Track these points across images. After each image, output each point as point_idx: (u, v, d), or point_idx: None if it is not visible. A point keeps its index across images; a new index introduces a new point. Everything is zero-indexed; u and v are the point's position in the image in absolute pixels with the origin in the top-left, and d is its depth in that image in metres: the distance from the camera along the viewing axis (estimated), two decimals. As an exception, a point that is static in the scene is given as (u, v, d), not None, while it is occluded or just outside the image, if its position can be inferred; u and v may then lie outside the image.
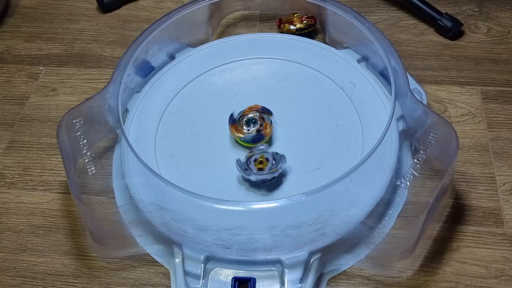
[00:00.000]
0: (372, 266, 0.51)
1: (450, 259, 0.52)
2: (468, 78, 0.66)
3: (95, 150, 0.59)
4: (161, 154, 0.56)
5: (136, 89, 0.62)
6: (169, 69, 0.63)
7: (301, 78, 0.61)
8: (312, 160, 0.54)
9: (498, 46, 0.70)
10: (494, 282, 0.50)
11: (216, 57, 0.64)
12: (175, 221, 0.50)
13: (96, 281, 0.52)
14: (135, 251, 0.53)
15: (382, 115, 0.57)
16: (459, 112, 0.63)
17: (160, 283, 0.52)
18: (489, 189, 0.56)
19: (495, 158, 0.59)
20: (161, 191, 0.52)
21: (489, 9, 0.74)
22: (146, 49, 0.61)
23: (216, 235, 0.49)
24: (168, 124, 0.58)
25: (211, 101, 0.60)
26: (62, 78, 0.70)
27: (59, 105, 0.67)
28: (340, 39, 0.66)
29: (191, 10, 0.63)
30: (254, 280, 0.49)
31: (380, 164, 0.52)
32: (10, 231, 0.56)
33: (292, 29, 0.69)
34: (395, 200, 0.54)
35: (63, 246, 0.55)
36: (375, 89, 0.59)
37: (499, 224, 0.54)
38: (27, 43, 0.75)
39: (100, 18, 0.77)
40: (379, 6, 0.76)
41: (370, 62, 0.63)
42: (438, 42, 0.71)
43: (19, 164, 0.61)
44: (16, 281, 0.53)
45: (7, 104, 0.68)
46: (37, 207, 0.58)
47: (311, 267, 0.49)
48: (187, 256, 0.49)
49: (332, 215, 0.50)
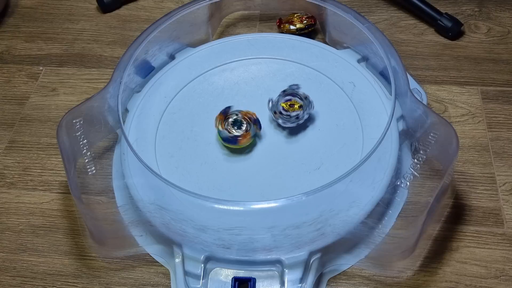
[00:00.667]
0: (372, 266, 0.51)
1: (450, 259, 0.52)
2: (468, 78, 0.66)
3: (95, 150, 0.59)
4: (161, 154, 0.56)
5: (136, 89, 0.62)
6: (169, 69, 0.63)
7: (301, 78, 0.61)
8: (312, 160, 0.54)
9: (498, 46, 0.70)
10: (494, 282, 0.50)
11: (216, 57, 0.64)
12: (175, 221, 0.50)
13: (96, 281, 0.52)
14: (135, 251, 0.53)
15: (382, 115, 0.57)
16: (459, 112, 0.63)
17: (160, 283, 0.52)
18: (489, 189, 0.56)
19: (495, 158, 0.59)
20: (161, 191, 0.52)
21: (489, 9, 0.74)
22: (146, 49, 0.61)
23: (216, 235, 0.49)
24: (168, 124, 0.58)
25: (211, 101, 0.60)
26: (62, 78, 0.70)
27: (59, 105, 0.67)
28: (340, 39, 0.66)
29: (191, 10, 0.63)
30: (254, 280, 0.49)
31: (380, 164, 0.52)
32: (10, 231, 0.56)
33: (292, 29, 0.69)
34: (395, 200, 0.54)
35: (63, 246, 0.55)
36: (375, 89, 0.59)
37: (499, 224, 0.54)
38: (27, 43, 0.74)
39: (100, 18, 0.77)
40: (379, 6, 0.76)
41: (370, 62, 0.63)
42: (438, 42, 0.71)
43: (19, 164, 0.61)
44: (16, 281, 0.53)
45: (7, 104, 0.68)
46: (37, 207, 0.58)
47: (311, 267, 0.49)
48: (187, 256, 0.49)
49: (332, 215, 0.50)
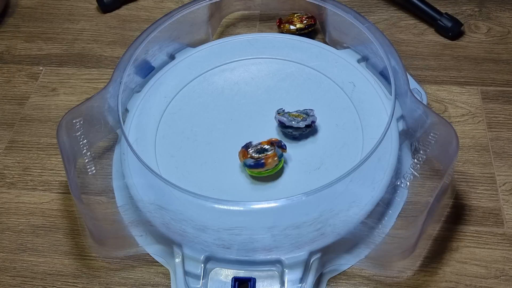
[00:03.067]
0: (372, 266, 0.51)
1: (450, 259, 0.52)
2: (468, 78, 0.66)
3: (95, 150, 0.59)
4: (161, 154, 0.56)
5: (136, 89, 0.62)
6: (169, 69, 0.63)
7: (301, 78, 0.61)
8: (312, 160, 0.54)
9: (498, 46, 0.70)
10: (494, 282, 0.50)
11: (216, 57, 0.64)
12: (175, 221, 0.50)
13: (96, 281, 0.52)
14: (135, 251, 0.53)
15: (382, 115, 0.56)
16: (459, 112, 0.63)
17: (160, 283, 0.52)
18: (489, 189, 0.56)
19: (495, 158, 0.59)
20: (161, 191, 0.52)
21: (489, 9, 0.74)
22: (146, 49, 0.61)
23: (216, 235, 0.49)
24: (168, 124, 0.58)
25: (211, 101, 0.60)
26: (62, 78, 0.70)
27: (59, 105, 0.67)
28: (340, 39, 0.66)
29: (191, 10, 0.63)
30: (254, 280, 0.49)
31: (380, 164, 0.52)
32: (10, 231, 0.56)
33: (292, 29, 0.69)
34: (395, 200, 0.54)
35: (63, 246, 0.55)
36: (375, 89, 0.59)
37: (499, 224, 0.54)
38: (27, 43, 0.74)
39: (100, 18, 0.77)
40: (379, 6, 0.76)
41: (370, 62, 0.63)
42: (438, 42, 0.71)
43: (19, 164, 0.61)
44: (16, 281, 0.53)
45: (7, 104, 0.68)
46: (37, 207, 0.58)
47: (311, 267, 0.49)
48: (187, 256, 0.49)
49: (332, 215, 0.50)
